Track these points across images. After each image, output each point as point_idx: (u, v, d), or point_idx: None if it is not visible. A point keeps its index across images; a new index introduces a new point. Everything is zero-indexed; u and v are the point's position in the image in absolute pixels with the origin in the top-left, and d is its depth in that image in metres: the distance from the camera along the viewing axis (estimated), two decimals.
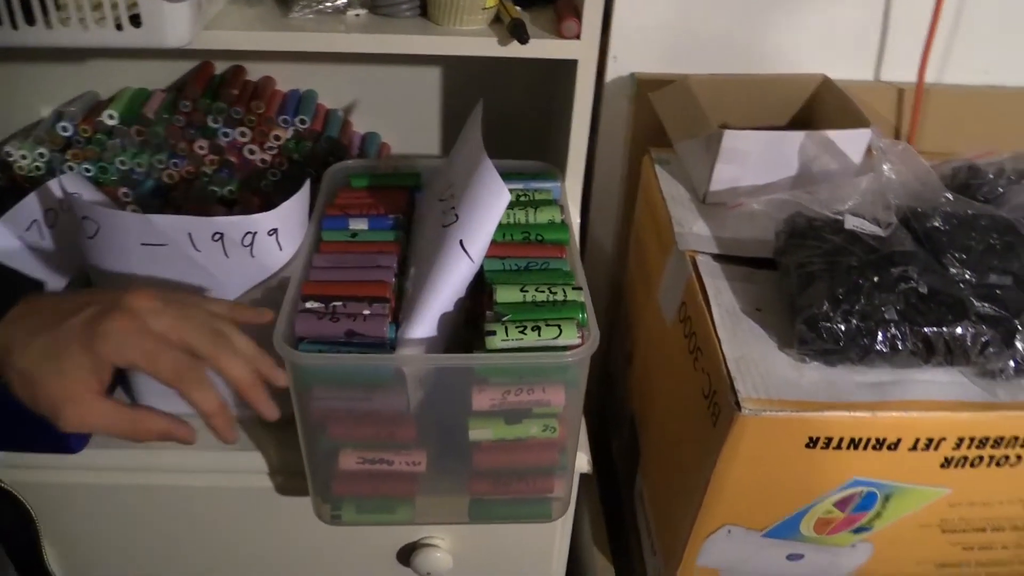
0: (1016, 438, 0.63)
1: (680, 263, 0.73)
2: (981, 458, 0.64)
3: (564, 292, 0.60)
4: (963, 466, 0.64)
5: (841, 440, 0.61)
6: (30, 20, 0.62)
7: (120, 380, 0.76)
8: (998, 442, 0.63)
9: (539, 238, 0.66)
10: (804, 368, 0.63)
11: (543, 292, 0.60)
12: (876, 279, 0.62)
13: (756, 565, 0.72)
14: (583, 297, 0.60)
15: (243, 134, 0.87)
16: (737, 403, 0.60)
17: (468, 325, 0.66)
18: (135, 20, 0.62)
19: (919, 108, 0.89)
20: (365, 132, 0.95)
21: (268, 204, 0.89)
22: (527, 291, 0.60)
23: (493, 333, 0.57)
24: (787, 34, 0.89)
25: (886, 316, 0.61)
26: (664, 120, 0.80)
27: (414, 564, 0.76)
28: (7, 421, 0.69)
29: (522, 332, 0.57)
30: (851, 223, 0.66)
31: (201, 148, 0.88)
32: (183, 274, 0.65)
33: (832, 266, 0.64)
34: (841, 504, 0.66)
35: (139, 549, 0.79)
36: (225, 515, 0.77)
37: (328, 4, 0.72)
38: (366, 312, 0.61)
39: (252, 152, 0.88)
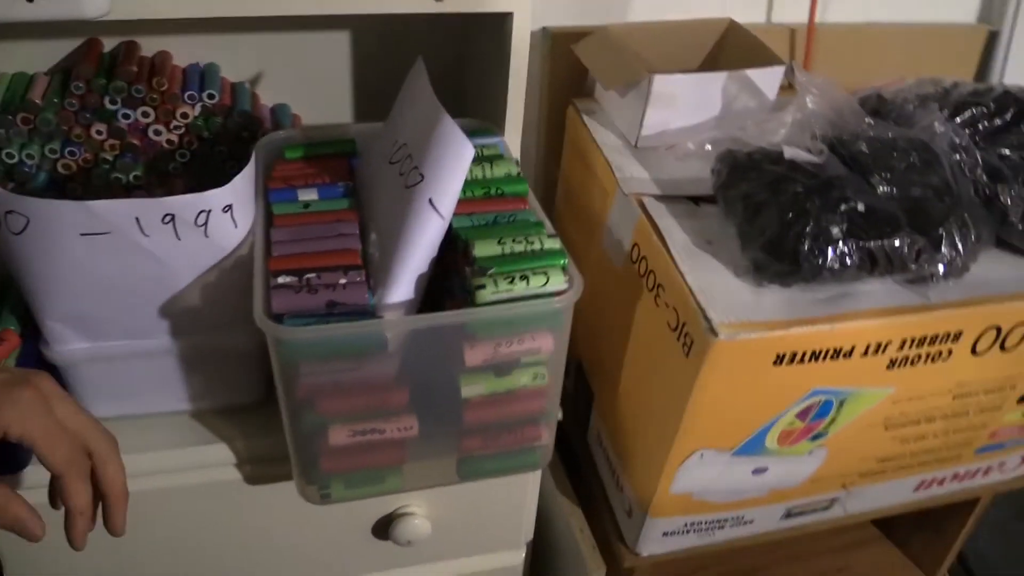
0: (948, 334, 0.69)
1: (626, 207, 0.75)
2: (920, 356, 0.70)
3: (540, 241, 0.61)
4: (905, 365, 0.70)
5: (804, 354, 0.66)
6: None
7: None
8: (934, 339, 0.69)
9: (500, 192, 0.66)
10: (762, 292, 0.67)
11: (520, 243, 0.60)
12: (819, 202, 0.66)
13: (725, 483, 0.76)
14: (560, 244, 0.61)
15: (146, 114, 0.81)
16: (712, 329, 0.63)
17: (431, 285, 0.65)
18: None
19: (811, 46, 0.95)
20: (274, 104, 0.90)
21: (187, 188, 0.84)
22: (504, 243, 0.60)
23: (483, 287, 0.57)
24: None
25: (833, 235, 0.66)
26: (592, 68, 0.81)
27: (393, 535, 0.76)
28: None
29: (511, 283, 0.57)
30: (789, 153, 0.70)
31: (99, 133, 0.81)
32: (129, 264, 0.60)
33: (777, 194, 0.68)
34: (802, 415, 0.71)
35: (101, 562, 0.74)
36: (190, 514, 0.73)
37: None
38: (343, 281, 0.59)
39: (157, 133, 0.82)
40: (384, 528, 0.77)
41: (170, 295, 0.63)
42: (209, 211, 0.59)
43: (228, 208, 0.60)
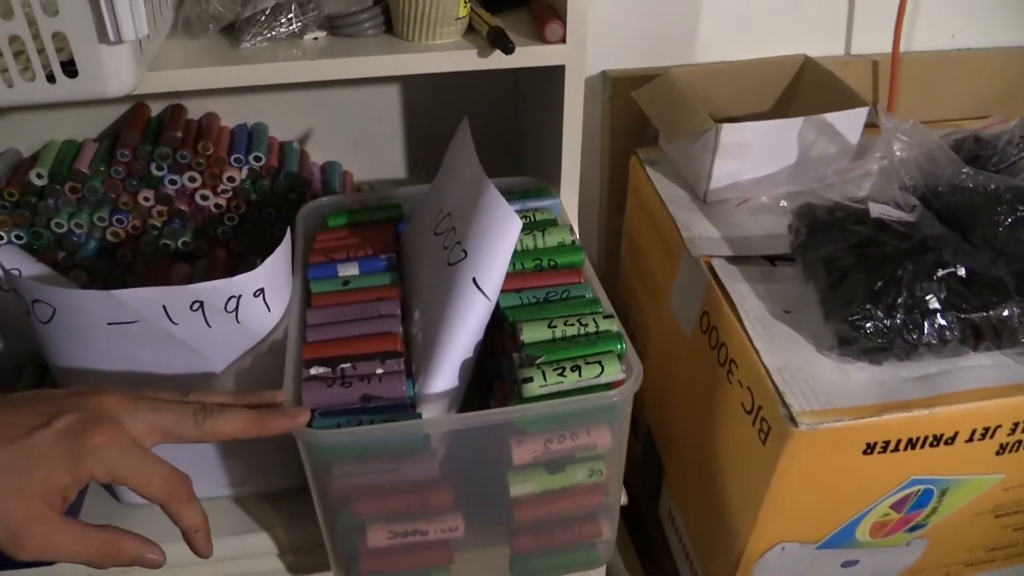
0: None
1: (694, 270, 0.68)
2: None
3: (595, 322, 0.55)
4: (1018, 450, 0.61)
5: (899, 442, 0.58)
6: None
7: None
8: None
9: (552, 264, 0.61)
10: (849, 369, 0.60)
11: (572, 325, 0.55)
12: (913, 268, 0.59)
13: None
14: (616, 326, 0.55)
15: (192, 179, 0.79)
16: (792, 418, 0.56)
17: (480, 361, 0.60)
18: (68, 68, 0.54)
19: (896, 78, 0.86)
20: (324, 162, 0.87)
21: (231, 254, 0.82)
22: (555, 326, 0.55)
23: (530, 380, 0.51)
24: (753, 15, 0.86)
25: (930, 306, 0.58)
26: (653, 118, 0.75)
27: None
28: None
29: (561, 375, 0.51)
30: (876, 211, 0.62)
31: (146, 199, 0.79)
32: (159, 351, 0.57)
33: (864, 259, 0.61)
34: (897, 505, 0.63)
35: None
36: None
37: (282, 30, 0.65)
38: (379, 371, 0.54)
39: (205, 198, 0.80)
40: None
41: (203, 382, 0.60)
42: (239, 296, 0.56)
43: (260, 292, 0.57)
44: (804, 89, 0.82)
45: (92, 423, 0.45)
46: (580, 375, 0.52)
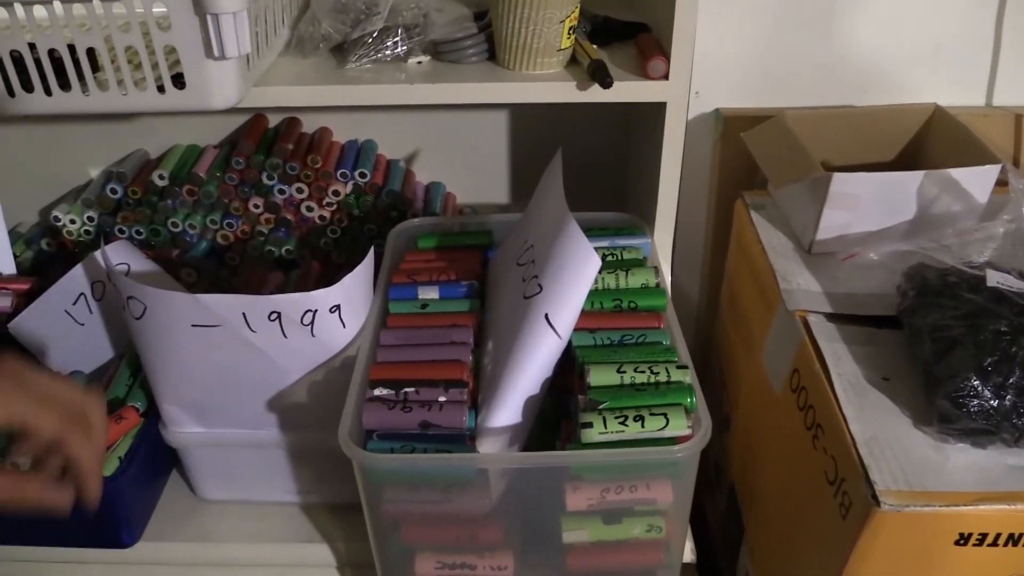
0: None
1: (789, 324, 0.65)
2: None
3: (667, 371, 0.53)
4: None
5: (998, 536, 0.52)
6: (65, 85, 0.57)
7: (174, 462, 0.71)
8: None
9: (632, 306, 0.59)
10: (947, 449, 0.55)
11: (643, 372, 0.52)
12: None
13: None
14: (690, 378, 0.53)
15: (300, 190, 0.82)
16: (874, 497, 0.51)
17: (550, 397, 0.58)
18: (178, 80, 0.57)
19: None
20: (428, 182, 0.88)
21: (328, 265, 0.84)
22: (624, 372, 0.53)
23: (589, 425, 0.49)
24: (886, 60, 0.81)
25: None
26: (761, 162, 0.72)
27: None
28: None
29: (623, 424, 0.49)
30: (994, 279, 0.57)
31: (256, 206, 0.82)
32: (238, 356, 0.59)
33: (975, 330, 0.55)
34: None
35: None
36: None
37: (387, 52, 0.66)
38: (442, 399, 0.54)
39: (310, 209, 0.82)
40: None
41: (278, 389, 0.61)
42: (316, 311, 0.57)
43: (336, 308, 0.57)
44: (932, 141, 0.76)
45: None
46: (643, 426, 0.49)
